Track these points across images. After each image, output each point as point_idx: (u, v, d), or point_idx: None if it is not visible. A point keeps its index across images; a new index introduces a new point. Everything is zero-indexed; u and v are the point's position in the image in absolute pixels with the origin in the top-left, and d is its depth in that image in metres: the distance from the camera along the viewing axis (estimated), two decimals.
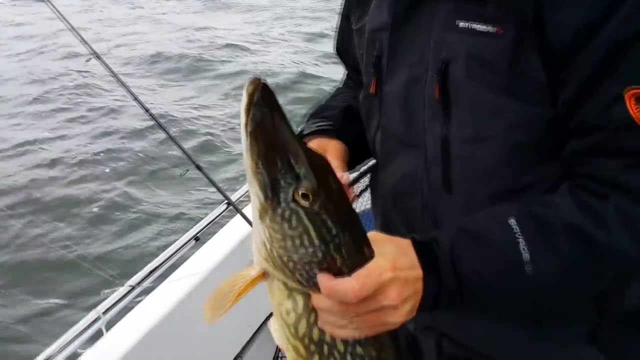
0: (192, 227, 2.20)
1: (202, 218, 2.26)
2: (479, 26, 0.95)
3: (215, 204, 2.42)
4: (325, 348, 0.87)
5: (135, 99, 2.04)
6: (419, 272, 0.85)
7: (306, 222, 0.81)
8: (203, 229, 2.18)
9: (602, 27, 0.85)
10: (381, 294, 0.80)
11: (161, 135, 6.49)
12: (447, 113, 1.00)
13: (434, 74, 1.00)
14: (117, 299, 1.86)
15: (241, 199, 2.36)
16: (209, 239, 2.19)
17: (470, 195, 1.00)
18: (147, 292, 1.98)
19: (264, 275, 0.87)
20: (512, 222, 0.88)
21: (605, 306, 1.03)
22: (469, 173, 1.01)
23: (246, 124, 0.81)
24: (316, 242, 0.81)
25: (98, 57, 2.07)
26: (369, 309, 0.81)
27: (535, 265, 0.86)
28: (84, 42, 2.02)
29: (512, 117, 0.95)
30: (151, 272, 2.00)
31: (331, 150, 1.14)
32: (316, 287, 0.82)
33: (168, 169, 6.44)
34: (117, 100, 8.09)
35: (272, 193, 0.81)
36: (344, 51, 1.37)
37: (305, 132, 1.21)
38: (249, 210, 2.36)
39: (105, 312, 1.80)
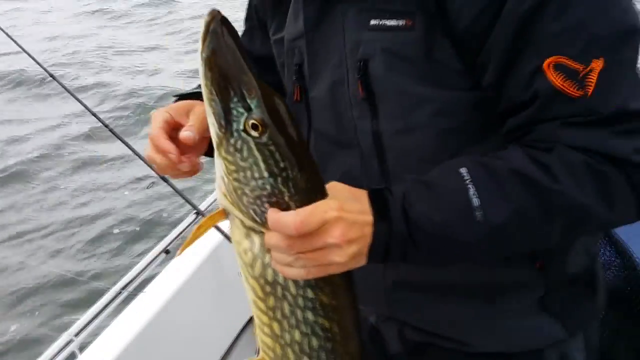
0: (161, 240, 2.16)
1: (172, 230, 2.23)
2: (389, 22, 0.98)
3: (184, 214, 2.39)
4: (279, 289, 0.90)
5: (94, 114, 2.01)
6: (369, 217, 0.87)
7: (256, 152, 0.84)
8: (173, 241, 2.15)
9: (502, 5, 0.88)
10: (325, 232, 0.82)
11: (114, 147, 6.36)
12: (374, 109, 1.02)
13: (355, 73, 1.02)
14: (89, 319, 1.82)
15: (210, 207, 2.33)
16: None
17: None
18: (120, 309, 1.94)
19: (224, 213, 0.91)
20: (463, 170, 0.90)
21: (549, 272, 1.08)
22: (404, 163, 1.04)
23: (202, 52, 0.83)
24: (265, 173, 0.84)
25: (53, 78, 2.06)
26: (313, 245, 0.82)
27: (485, 211, 0.88)
28: (38, 64, 2.02)
29: (436, 104, 0.98)
30: (123, 288, 1.96)
31: (198, 110, 1.07)
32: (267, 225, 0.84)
33: (133, 182, 6.33)
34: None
35: (225, 122, 0.84)
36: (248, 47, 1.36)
37: (180, 93, 1.17)
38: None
39: (77, 334, 1.75)
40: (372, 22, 1.00)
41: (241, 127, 0.84)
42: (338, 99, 1.08)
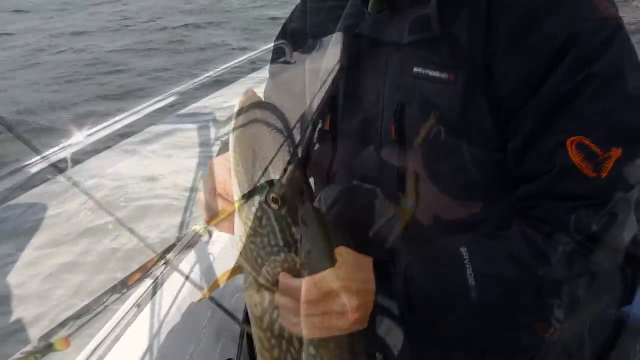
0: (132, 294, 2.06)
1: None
2: (432, 72, 1.01)
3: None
4: (284, 344, 0.97)
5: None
6: (372, 286, 0.93)
7: (274, 222, 0.92)
8: (143, 294, 2.05)
9: (547, 79, 0.91)
10: (330, 299, 0.88)
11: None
12: (403, 151, 1.06)
13: (390, 114, 1.06)
14: None
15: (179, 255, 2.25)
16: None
17: (422, 230, 1.06)
18: None
19: (240, 268, 0.99)
20: (463, 250, 0.95)
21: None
22: (422, 207, 1.07)
23: (233, 127, 0.94)
24: (280, 242, 0.92)
25: None
26: (318, 311, 0.88)
27: (479, 291, 0.92)
28: None
29: (462, 158, 1.01)
30: (94, 350, 1.87)
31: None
32: (278, 286, 0.92)
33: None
34: None
35: (248, 192, 0.93)
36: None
37: None
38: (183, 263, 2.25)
39: None
40: (416, 69, 1.03)
41: (262, 198, 0.92)
42: (368, 136, 1.11)
